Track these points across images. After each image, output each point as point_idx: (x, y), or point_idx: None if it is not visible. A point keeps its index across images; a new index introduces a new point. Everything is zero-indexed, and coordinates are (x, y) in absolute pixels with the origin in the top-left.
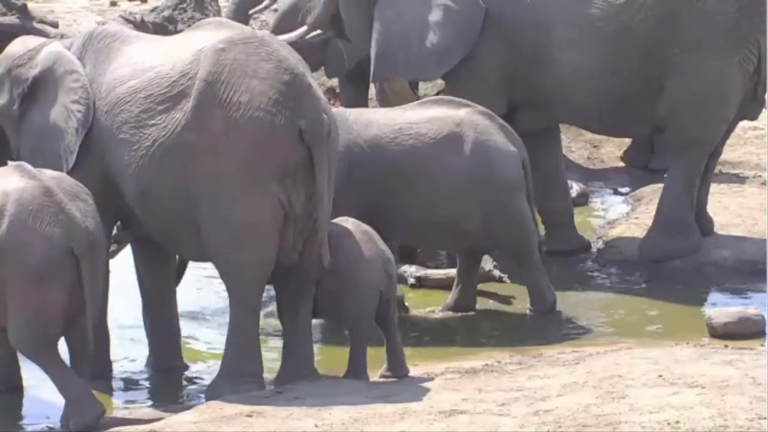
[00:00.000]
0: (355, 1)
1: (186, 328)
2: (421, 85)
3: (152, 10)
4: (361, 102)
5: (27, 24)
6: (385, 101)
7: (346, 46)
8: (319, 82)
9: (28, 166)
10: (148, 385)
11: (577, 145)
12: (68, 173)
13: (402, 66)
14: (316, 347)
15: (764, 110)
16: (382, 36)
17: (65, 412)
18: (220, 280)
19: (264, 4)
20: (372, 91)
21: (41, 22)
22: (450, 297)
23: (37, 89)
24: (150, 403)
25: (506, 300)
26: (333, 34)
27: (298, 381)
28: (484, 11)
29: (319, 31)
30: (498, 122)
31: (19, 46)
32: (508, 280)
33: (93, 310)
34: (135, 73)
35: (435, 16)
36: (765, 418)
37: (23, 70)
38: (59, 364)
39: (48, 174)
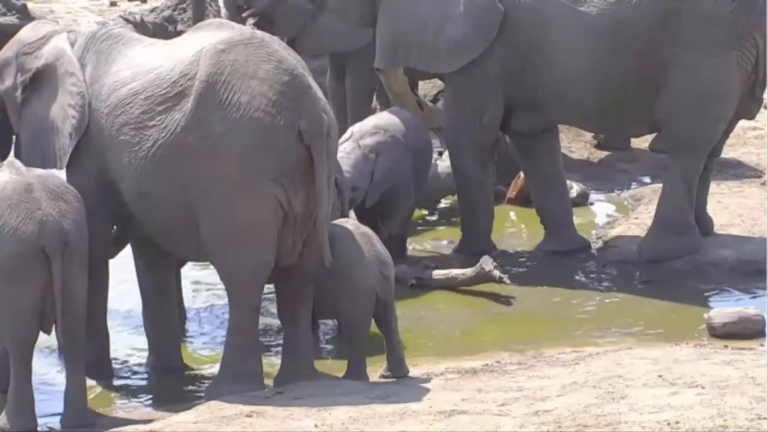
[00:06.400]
0: None
1: (186, 328)
2: (421, 86)
3: (152, 10)
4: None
5: (27, 24)
6: (384, 103)
7: (328, 30)
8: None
9: (19, 163)
10: (148, 385)
11: (577, 145)
12: (68, 174)
13: (414, 56)
14: (316, 347)
15: (764, 110)
16: (393, 25)
17: (4, 412)
18: (219, 280)
19: None
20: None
21: None
22: None
23: (39, 82)
24: (150, 403)
25: (506, 300)
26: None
27: (298, 381)
28: (503, 9)
29: None
30: None
31: (30, 32)
32: (507, 281)
33: (64, 310)
34: (136, 76)
35: (454, 8)
36: (765, 418)
37: (29, 59)
38: (25, 370)
39: (36, 172)
